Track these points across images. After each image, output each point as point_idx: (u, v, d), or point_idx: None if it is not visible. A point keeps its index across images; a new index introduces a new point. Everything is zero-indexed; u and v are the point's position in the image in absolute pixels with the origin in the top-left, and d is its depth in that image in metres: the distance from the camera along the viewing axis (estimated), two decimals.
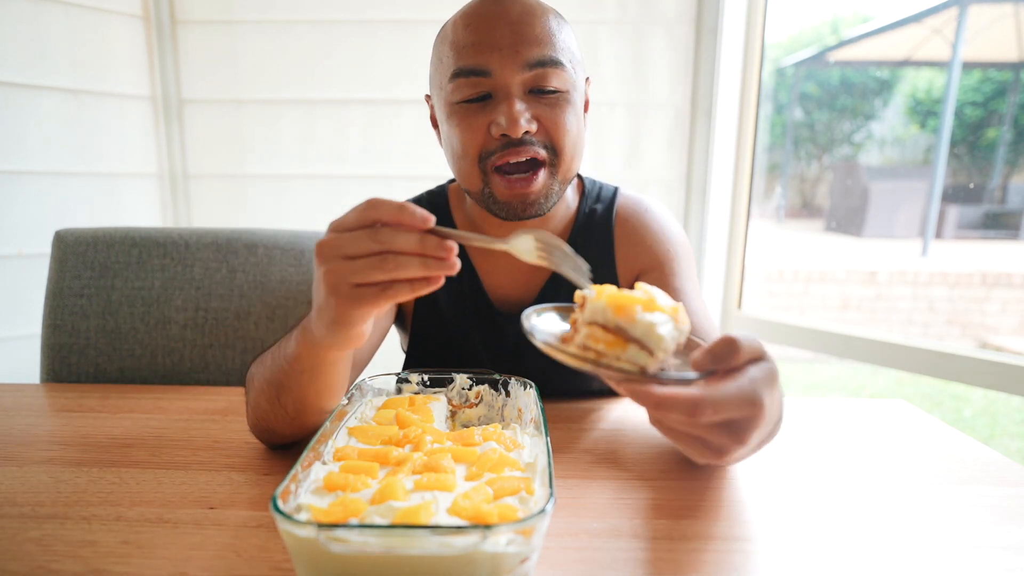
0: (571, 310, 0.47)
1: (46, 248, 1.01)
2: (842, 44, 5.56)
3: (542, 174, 0.66)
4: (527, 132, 0.64)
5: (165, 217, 1.65)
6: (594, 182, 0.83)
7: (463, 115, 0.65)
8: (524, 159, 0.65)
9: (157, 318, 0.97)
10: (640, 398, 0.38)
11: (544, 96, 0.65)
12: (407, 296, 0.44)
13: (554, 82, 0.64)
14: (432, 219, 0.44)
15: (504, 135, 0.63)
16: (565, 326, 0.47)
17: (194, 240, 1.00)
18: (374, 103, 1.58)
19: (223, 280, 0.99)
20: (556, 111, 0.65)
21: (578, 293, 0.45)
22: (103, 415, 0.75)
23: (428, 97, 0.74)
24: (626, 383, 0.39)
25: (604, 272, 0.78)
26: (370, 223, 0.44)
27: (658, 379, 0.39)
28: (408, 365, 0.85)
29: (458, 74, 0.64)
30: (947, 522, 0.52)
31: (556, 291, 0.77)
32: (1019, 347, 3.49)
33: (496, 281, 0.78)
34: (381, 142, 1.61)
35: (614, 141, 1.58)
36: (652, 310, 0.41)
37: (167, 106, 1.59)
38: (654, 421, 0.40)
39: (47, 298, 0.98)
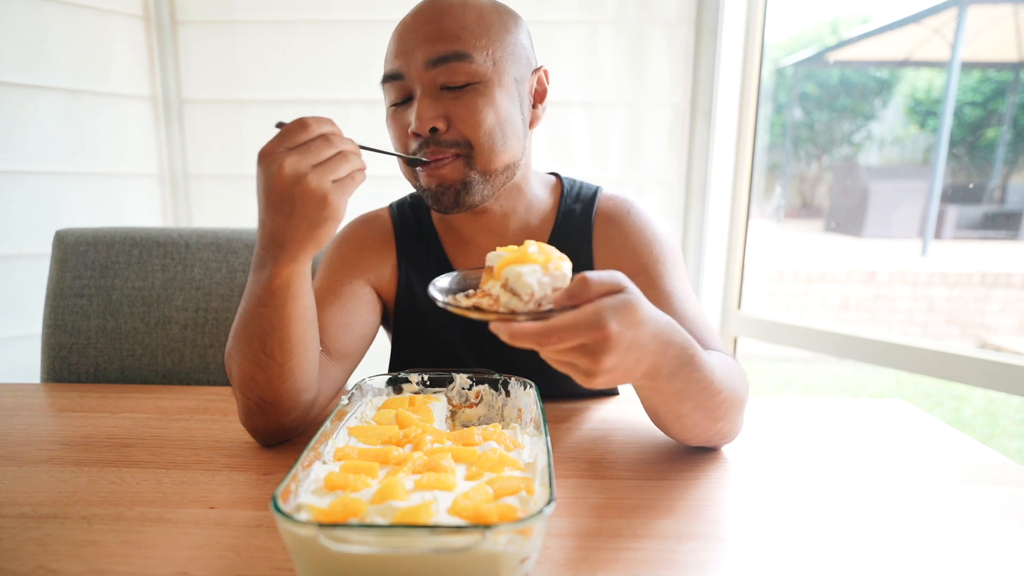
0: (479, 275, 0.54)
1: (46, 248, 1.01)
2: (842, 44, 5.55)
3: (454, 160, 0.68)
4: (434, 129, 0.66)
5: (165, 217, 1.65)
6: (573, 181, 0.82)
7: (392, 118, 0.71)
8: (435, 158, 0.68)
9: (157, 318, 0.97)
10: (500, 334, 0.43)
11: (456, 91, 0.66)
12: (360, 181, 0.57)
13: (462, 76, 0.65)
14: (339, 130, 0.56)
15: (416, 133, 0.67)
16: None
17: (194, 240, 1.00)
18: (374, 103, 1.58)
19: (223, 280, 0.99)
20: (466, 105, 0.66)
21: (487, 257, 0.51)
22: (103, 415, 0.75)
23: None
24: (494, 324, 0.44)
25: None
26: (315, 135, 0.54)
27: (515, 317, 0.45)
28: (392, 362, 0.86)
29: (383, 80, 0.69)
30: (947, 522, 0.52)
31: None
32: (1019, 347, 3.49)
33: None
34: (381, 142, 1.61)
35: (614, 141, 1.58)
36: (524, 262, 0.47)
37: (167, 106, 1.59)
38: (542, 356, 0.46)
39: (47, 298, 0.98)
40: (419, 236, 0.81)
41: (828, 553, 0.48)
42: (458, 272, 0.55)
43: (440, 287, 0.51)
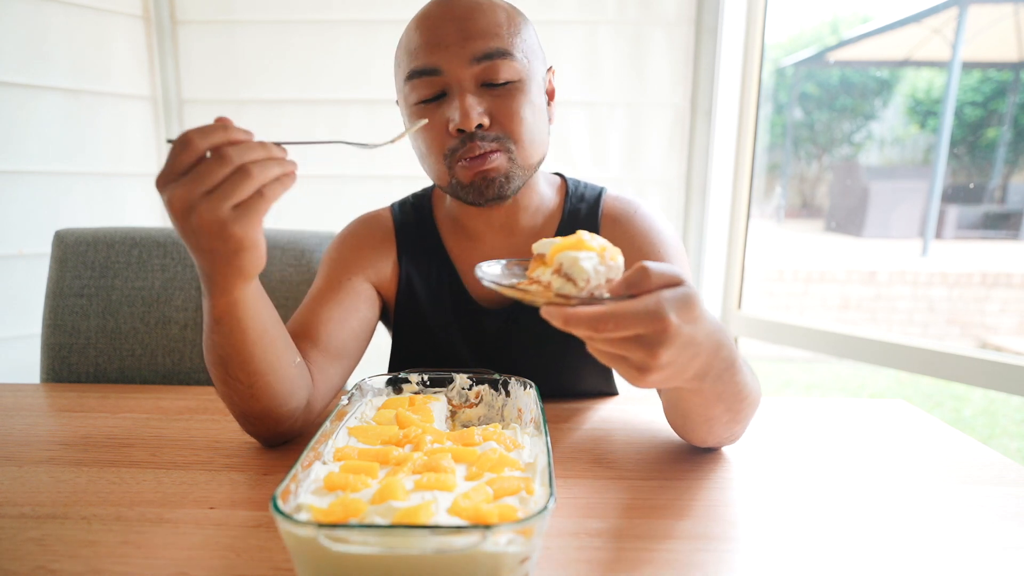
0: (527, 264, 0.53)
1: (46, 248, 1.01)
2: (842, 44, 5.55)
3: (499, 155, 0.68)
4: (480, 126, 0.66)
5: (165, 217, 1.65)
6: (577, 182, 0.82)
7: (422, 115, 0.68)
8: (478, 154, 0.67)
9: (157, 318, 0.97)
10: (553, 319, 0.41)
11: (496, 88, 0.66)
12: (281, 192, 0.49)
13: (505, 73, 0.65)
14: (251, 132, 0.48)
15: (460, 130, 0.65)
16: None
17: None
18: (374, 103, 1.58)
19: None
20: (509, 102, 0.66)
21: (533, 246, 0.50)
22: (103, 415, 0.75)
23: (398, 103, 0.75)
24: (546, 308, 0.42)
25: None
26: (202, 154, 0.46)
27: (570, 302, 0.43)
28: (392, 361, 0.85)
29: (412, 75, 0.66)
30: (947, 522, 0.52)
31: None
32: (1019, 347, 3.49)
33: (476, 281, 0.79)
34: (380, 140, 1.61)
35: (614, 141, 1.58)
36: (580, 248, 0.46)
37: (167, 106, 1.59)
38: (590, 348, 0.44)
39: (47, 298, 0.98)
40: (420, 235, 0.81)
41: (829, 553, 0.48)
42: (504, 261, 0.53)
43: (488, 272, 0.49)
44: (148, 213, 1.62)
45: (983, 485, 0.59)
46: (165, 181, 0.46)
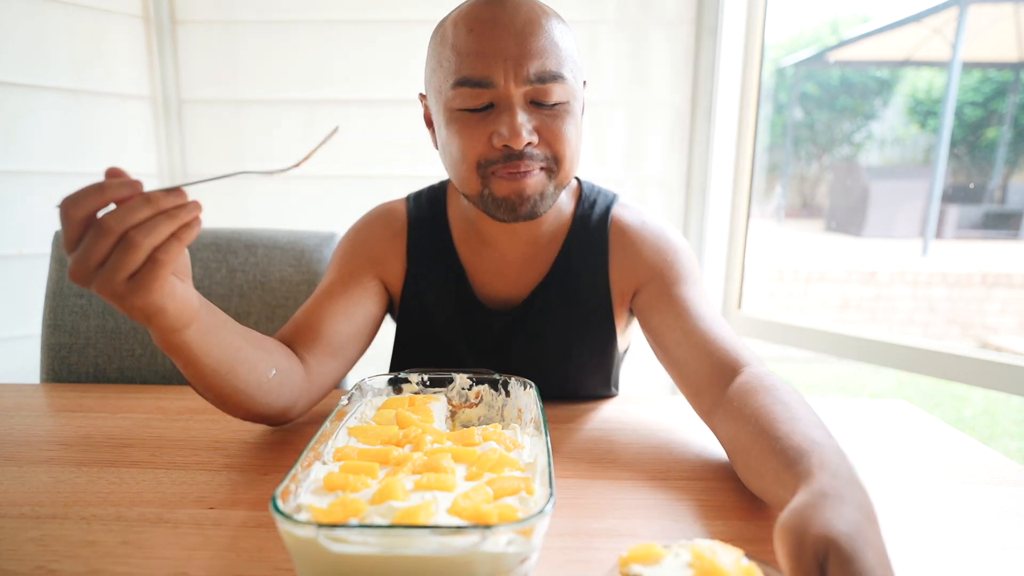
0: None
1: (46, 248, 1.01)
2: (842, 44, 5.55)
3: (539, 173, 0.66)
4: (528, 144, 0.64)
5: None
6: (593, 187, 0.81)
7: (464, 123, 0.65)
8: (523, 170, 0.65)
9: None
10: None
11: (545, 108, 0.65)
12: (179, 250, 0.44)
13: (556, 95, 0.64)
14: (138, 183, 0.43)
15: (506, 146, 0.63)
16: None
17: (194, 240, 1.00)
18: (374, 103, 1.58)
19: (223, 280, 0.99)
20: (557, 123, 0.65)
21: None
22: (103, 415, 0.75)
23: (423, 96, 0.73)
24: None
25: (596, 281, 0.76)
26: (84, 223, 0.42)
27: None
28: (394, 357, 0.85)
29: (462, 83, 0.63)
30: (947, 522, 0.52)
31: (549, 290, 0.77)
32: (1019, 347, 3.49)
33: (484, 278, 0.79)
34: (381, 142, 1.61)
35: (614, 141, 1.58)
36: None
37: (167, 106, 1.59)
38: None
39: (47, 298, 0.98)
40: (432, 232, 0.80)
41: None
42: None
43: None
44: None
45: (983, 485, 0.59)
46: (67, 251, 0.43)
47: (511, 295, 0.79)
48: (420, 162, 1.60)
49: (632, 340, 0.91)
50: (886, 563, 0.35)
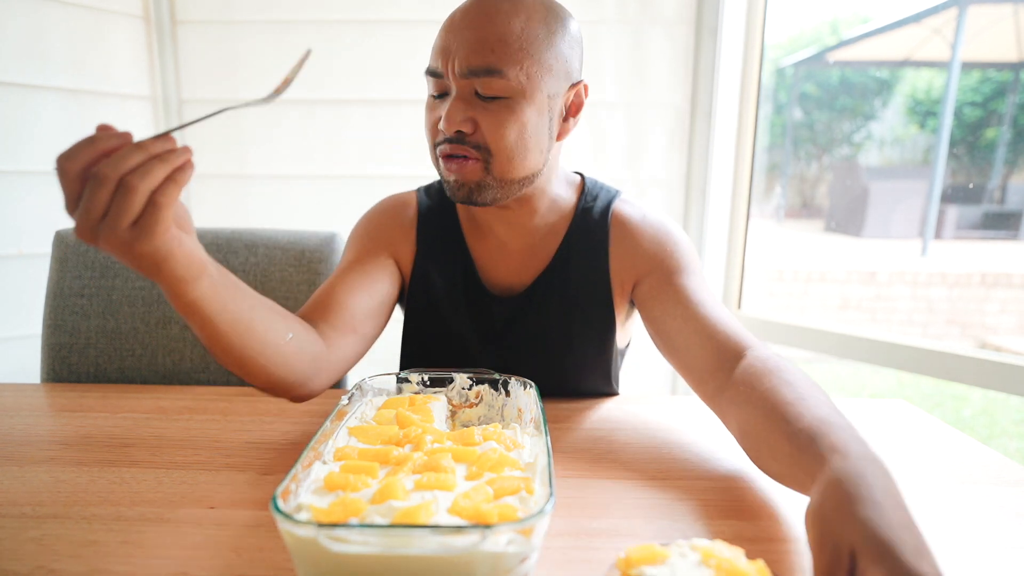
0: None
1: (46, 248, 1.01)
2: (842, 44, 5.56)
3: (473, 163, 0.69)
4: (460, 131, 0.68)
5: None
6: (596, 183, 0.83)
7: (428, 108, 0.72)
8: (458, 155, 0.69)
9: (158, 318, 0.97)
10: None
11: (486, 100, 0.67)
12: (176, 192, 0.45)
13: (493, 89, 0.66)
14: (128, 134, 0.44)
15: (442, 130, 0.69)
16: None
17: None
18: (374, 103, 1.58)
19: None
20: (493, 116, 0.67)
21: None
22: (103, 415, 0.75)
23: None
24: None
25: (596, 272, 0.78)
26: (80, 177, 0.43)
27: None
28: (404, 343, 0.87)
29: (427, 72, 0.70)
30: (946, 522, 0.53)
31: (551, 279, 0.79)
32: (1018, 347, 3.49)
33: (488, 266, 0.81)
34: (381, 142, 1.61)
35: (614, 141, 1.58)
36: None
37: (167, 106, 1.59)
38: None
39: (47, 298, 0.98)
40: (441, 220, 0.83)
41: None
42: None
43: None
44: None
45: (983, 485, 0.59)
46: (69, 211, 0.44)
47: (514, 283, 0.81)
48: (420, 162, 1.60)
49: (633, 338, 0.92)
50: (920, 544, 0.35)
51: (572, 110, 0.73)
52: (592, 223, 0.79)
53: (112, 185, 0.42)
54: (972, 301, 3.72)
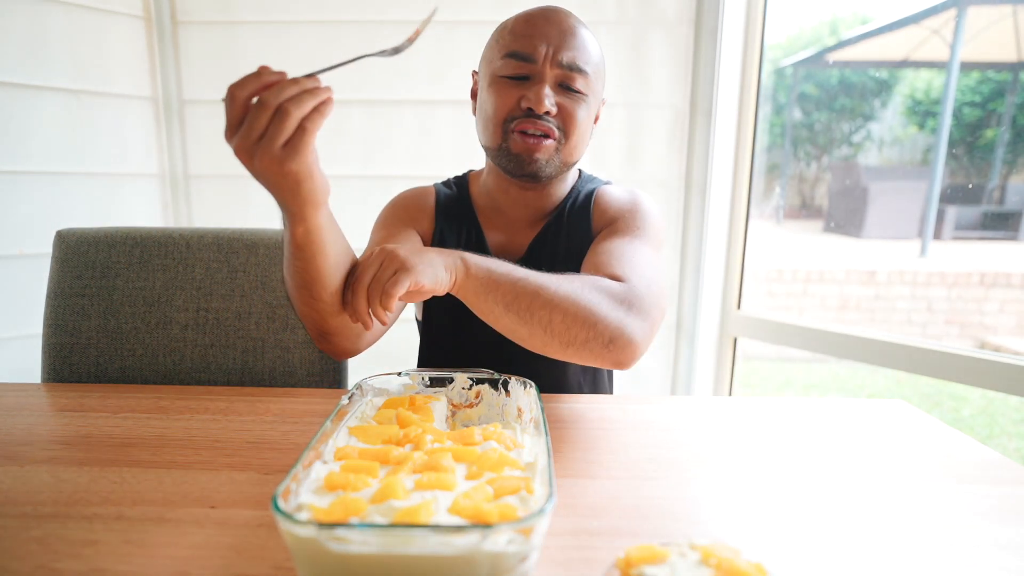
0: None
1: (47, 248, 1.01)
2: (841, 45, 5.55)
3: (550, 142, 0.81)
4: (547, 112, 0.79)
5: (166, 217, 1.65)
6: (591, 175, 0.96)
7: (502, 86, 0.81)
8: (540, 132, 0.80)
9: (158, 318, 0.97)
10: None
11: (567, 92, 0.81)
12: (321, 121, 0.53)
13: (578, 84, 0.80)
14: (284, 72, 0.53)
15: (530, 108, 0.79)
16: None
17: (195, 240, 1.00)
18: (374, 103, 1.58)
19: (224, 280, 0.99)
20: (574, 105, 0.81)
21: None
22: (104, 415, 0.75)
23: (475, 73, 0.90)
24: None
25: (583, 241, 0.87)
26: (245, 104, 0.52)
27: None
28: (423, 335, 0.97)
29: (510, 55, 0.80)
30: (946, 522, 0.53)
31: (543, 246, 0.89)
32: (1017, 347, 3.49)
33: (495, 236, 0.92)
34: (381, 142, 1.61)
35: (614, 141, 1.58)
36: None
37: (168, 106, 1.59)
38: None
39: (48, 298, 0.98)
40: (458, 204, 0.94)
41: (828, 553, 0.48)
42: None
43: None
44: (149, 213, 1.62)
45: (982, 485, 0.59)
46: (229, 135, 0.54)
47: (514, 248, 0.92)
48: (420, 162, 1.60)
49: None
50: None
51: (596, 118, 0.88)
52: (579, 200, 0.91)
53: (271, 110, 0.51)
54: (971, 301, 3.72)
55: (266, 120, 0.52)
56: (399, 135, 1.60)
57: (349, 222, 0.89)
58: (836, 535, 0.50)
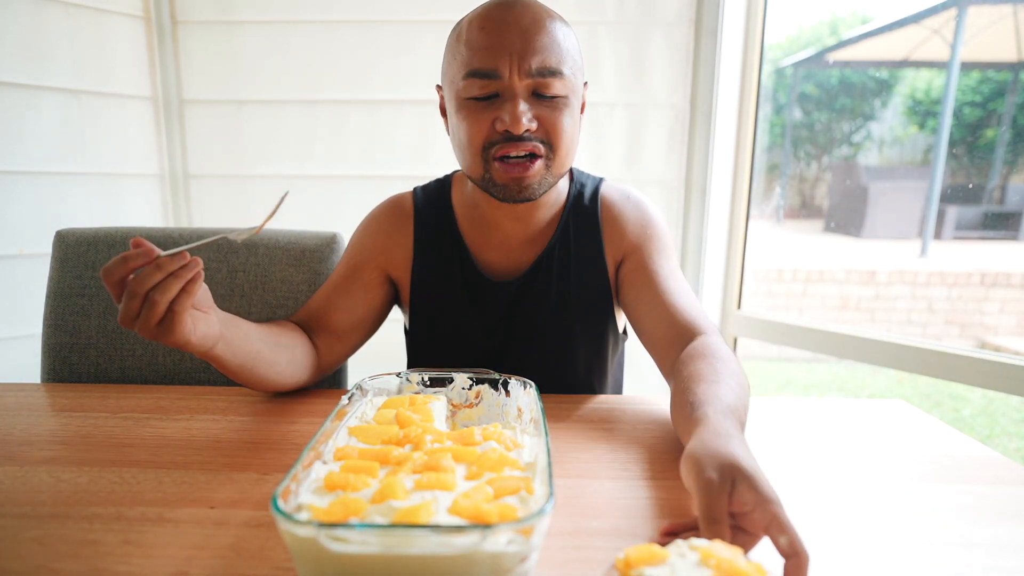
0: None
1: (47, 248, 1.01)
2: (841, 45, 5.56)
3: (538, 164, 0.73)
4: (527, 130, 0.70)
5: (166, 217, 1.65)
6: (581, 172, 0.89)
7: (472, 110, 0.71)
8: (523, 153, 0.72)
9: None
10: None
11: (545, 100, 0.71)
12: (189, 301, 0.56)
13: (555, 89, 0.71)
14: (151, 248, 0.55)
15: (507, 131, 0.70)
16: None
17: (195, 240, 1.00)
18: (374, 103, 1.58)
19: (224, 280, 0.99)
20: (555, 113, 0.71)
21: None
22: (104, 415, 0.75)
23: (439, 88, 0.79)
24: None
25: (593, 253, 0.84)
26: (120, 285, 0.55)
27: None
28: (409, 343, 0.93)
29: (471, 74, 0.70)
30: (946, 521, 0.53)
31: (548, 263, 0.83)
32: (1018, 347, 3.49)
33: (487, 255, 0.85)
34: (381, 142, 1.61)
35: (614, 141, 1.58)
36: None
37: (168, 106, 1.59)
38: None
39: (48, 298, 0.98)
40: (437, 216, 0.87)
41: (827, 552, 0.48)
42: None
43: None
44: (149, 213, 1.62)
45: (982, 484, 0.59)
46: (116, 303, 0.57)
47: (513, 269, 0.85)
48: (420, 162, 1.60)
49: (632, 336, 0.92)
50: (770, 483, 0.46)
51: (582, 107, 0.78)
52: (584, 210, 0.85)
53: (140, 298, 0.54)
54: (971, 301, 3.72)
55: (137, 306, 0.55)
56: (399, 135, 1.60)
57: (349, 222, 0.89)
58: (836, 535, 0.50)
